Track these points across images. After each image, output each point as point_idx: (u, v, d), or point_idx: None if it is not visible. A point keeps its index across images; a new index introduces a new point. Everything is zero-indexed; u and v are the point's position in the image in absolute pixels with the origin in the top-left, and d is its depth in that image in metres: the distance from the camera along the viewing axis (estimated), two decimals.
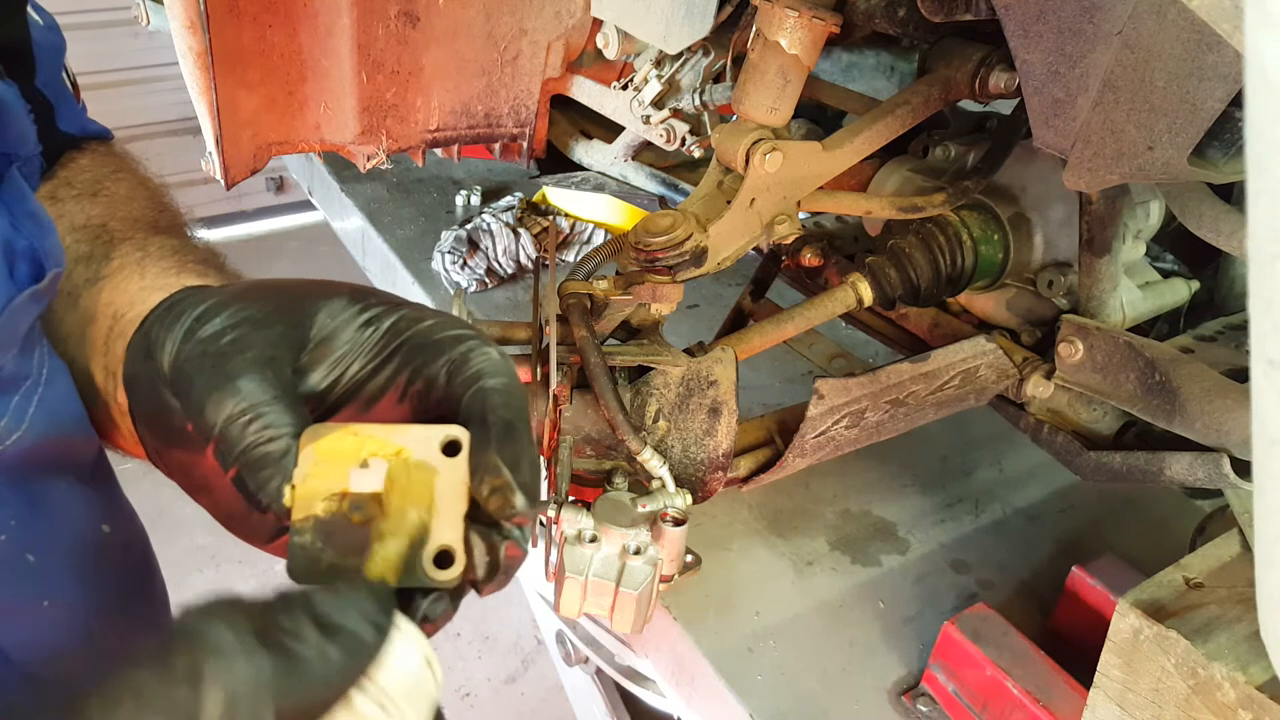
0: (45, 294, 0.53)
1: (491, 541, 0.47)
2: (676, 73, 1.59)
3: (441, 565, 0.46)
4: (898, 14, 1.03)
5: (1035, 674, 0.98)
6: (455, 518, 0.47)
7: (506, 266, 1.85)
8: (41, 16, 0.69)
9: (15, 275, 0.52)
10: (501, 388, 0.49)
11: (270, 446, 0.47)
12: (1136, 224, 1.07)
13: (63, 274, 0.55)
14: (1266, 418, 0.38)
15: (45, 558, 0.56)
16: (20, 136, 0.58)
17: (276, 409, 0.48)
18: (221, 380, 0.48)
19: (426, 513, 0.47)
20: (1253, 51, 0.31)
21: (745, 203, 1.01)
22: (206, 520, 0.51)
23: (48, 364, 0.56)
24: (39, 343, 0.56)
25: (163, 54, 3.08)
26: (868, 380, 0.99)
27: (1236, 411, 0.89)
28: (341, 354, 0.52)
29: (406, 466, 0.47)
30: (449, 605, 0.47)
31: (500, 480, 0.46)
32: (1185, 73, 0.74)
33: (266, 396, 0.48)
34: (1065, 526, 1.34)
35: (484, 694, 2.46)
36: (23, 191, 0.55)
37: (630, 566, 0.86)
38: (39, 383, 0.55)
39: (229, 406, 0.48)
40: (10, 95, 0.56)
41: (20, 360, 0.53)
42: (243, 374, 0.49)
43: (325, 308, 0.53)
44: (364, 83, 1.47)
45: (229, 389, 0.48)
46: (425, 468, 0.47)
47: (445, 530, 0.46)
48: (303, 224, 4.29)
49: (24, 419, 0.53)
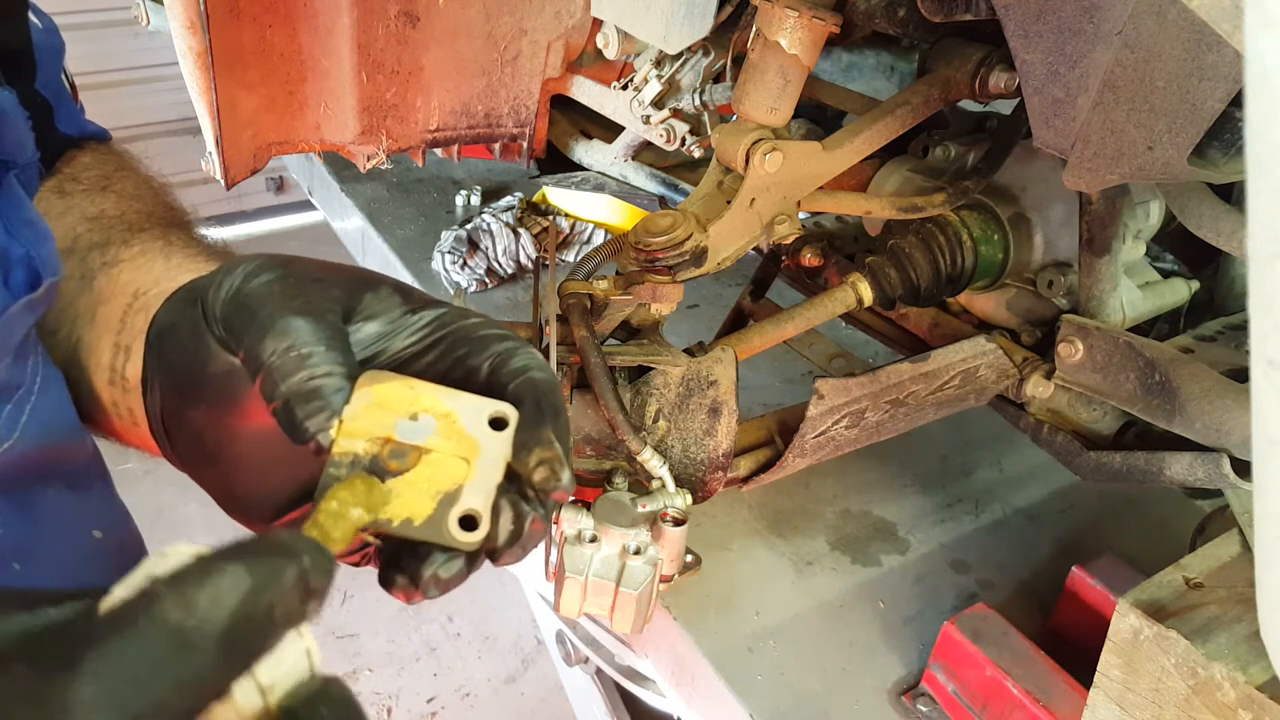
0: (41, 303, 0.53)
1: (519, 510, 0.48)
2: (676, 73, 1.59)
3: (466, 528, 0.46)
4: (898, 14, 1.03)
5: (1035, 674, 0.98)
6: (488, 487, 0.47)
7: (506, 266, 1.85)
8: (40, 19, 0.69)
9: (10, 283, 0.51)
10: (550, 380, 0.51)
11: (326, 380, 0.48)
12: (1136, 224, 1.07)
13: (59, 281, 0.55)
14: (1266, 418, 0.38)
15: (32, 566, 0.55)
16: (18, 143, 0.57)
17: (335, 351, 0.49)
18: (286, 313, 0.49)
19: (462, 475, 0.47)
20: (1253, 51, 0.31)
21: (745, 203, 1.01)
22: (206, 520, 0.51)
23: (41, 372, 0.56)
24: (33, 351, 0.55)
25: (163, 54, 3.07)
26: (868, 380, 0.99)
27: (1236, 411, 0.89)
28: (386, 331, 0.53)
29: (453, 429, 0.48)
30: (462, 568, 0.47)
31: (551, 453, 0.47)
32: (1185, 73, 0.74)
33: (326, 337, 0.49)
34: (1065, 526, 1.34)
35: (484, 694, 2.46)
36: (20, 199, 0.55)
37: (630, 566, 0.86)
38: (32, 391, 0.54)
39: (290, 338, 0.48)
40: (9, 102, 0.56)
41: (14, 369, 0.53)
42: (305, 315, 0.49)
43: (373, 290, 0.53)
44: (364, 83, 1.47)
45: (292, 323, 0.48)
46: (470, 435, 0.48)
47: (476, 496, 0.47)
48: (303, 224, 4.29)
49: (16, 428, 0.53)
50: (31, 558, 0.55)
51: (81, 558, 0.61)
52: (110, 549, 0.64)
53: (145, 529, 0.70)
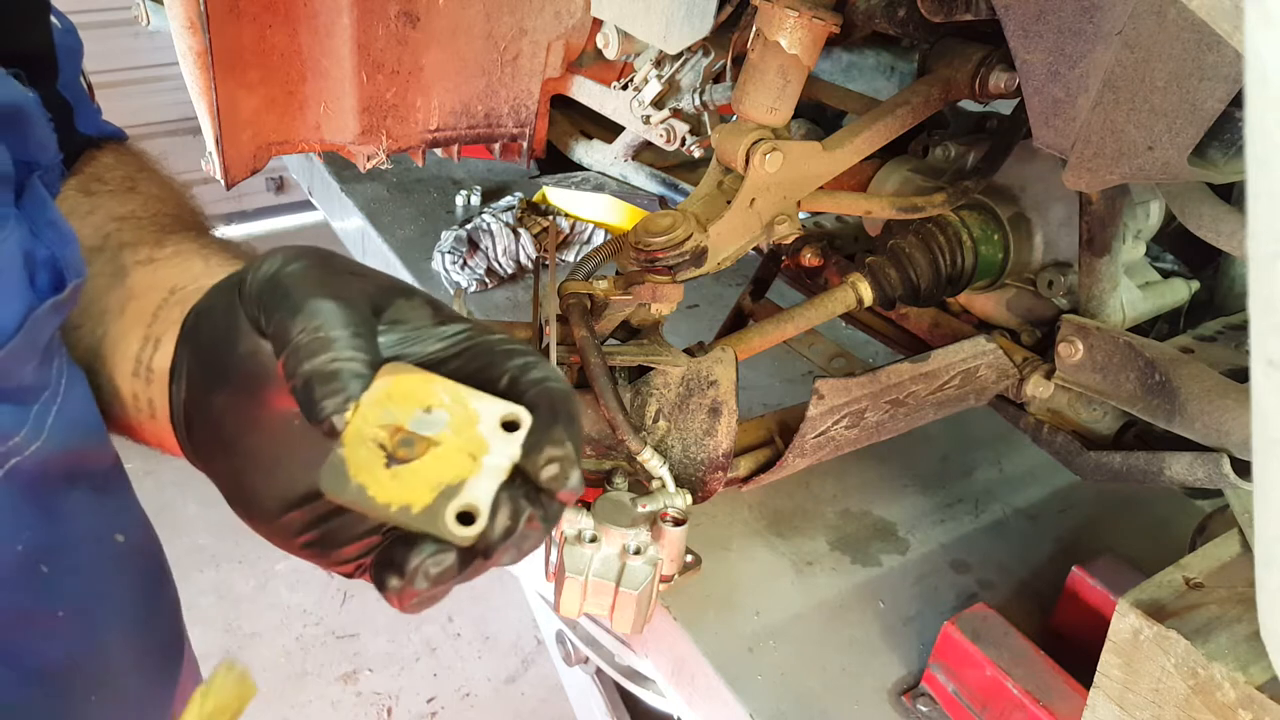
0: (66, 305, 0.53)
1: (517, 506, 0.48)
2: (676, 73, 1.59)
3: (463, 523, 0.46)
4: (898, 14, 1.03)
5: (1035, 674, 0.98)
6: (491, 485, 0.47)
7: (506, 266, 1.85)
8: (60, 20, 0.69)
9: (36, 285, 0.51)
10: (566, 390, 0.51)
11: (348, 364, 0.48)
12: (1136, 224, 1.07)
13: (84, 283, 0.55)
14: (1266, 418, 0.38)
15: (58, 568, 0.56)
16: (41, 145, 0.58)
17: (361, 339, 0.49)
18: (319, 296, 0.50)
19: (466, 471, 0.47)
20: (1253, 51, 0.31)
21: (745, 203, 1.01)
22: (207, 520, 0.51)
23: (66, 373, 0.56)
24: (58, 352, 0.56)
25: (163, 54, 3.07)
26: (868, 380, 0.99)
27: (1236, 411, 0.89)
28: (412, 336, 0.53)
29: (465, 426, 0.48)
30: (454, 563, 0.47)
31: (563, 453, 0.48)
32: (1185, 73, 0.74)
33: (355, 324, 0.50)
34: (1065, 526, 1.34)
35: (484, 694, 2.46)
36: (44, 200, 0.55)
37: (630, 566, 0.86)
38: (57, 393, 0.55)
39: (319, 319, 0.49)
40: (31, 104, 0.56)
41: (40, 370, 0.53)
42: (337, 300, 0.50)
43: (406, 297, 0.54)
44: (364, 83, 1.47)
45: (322, 305, 0.49)
46: (481, 433, 0.48)
47: (476, 491, 0.47)
48: (303, 224, 4.29)
49: (43, 429, 0.53)
50: (59, 560, 0.56)
51: (107, 561, 0.61)
52: (132, 552, 0.65)
53: None
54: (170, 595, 0.72)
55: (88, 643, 0.59)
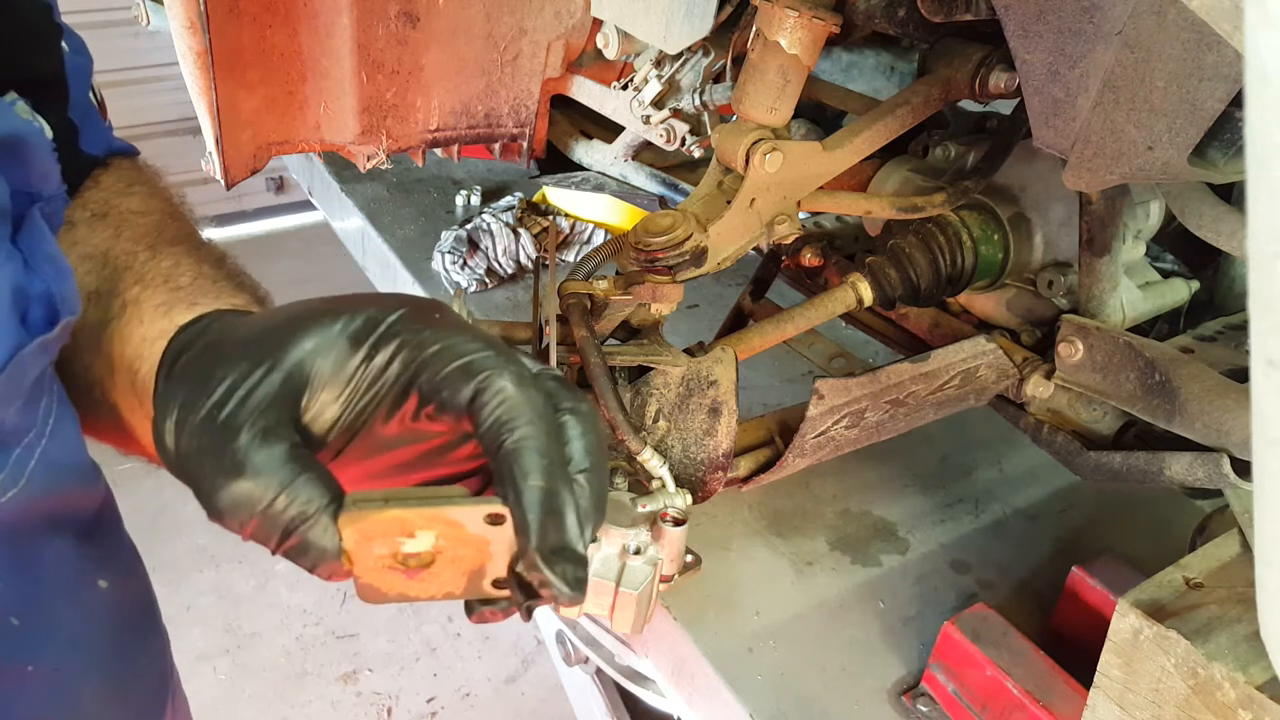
0: (55, 343, 0.51)
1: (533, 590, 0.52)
2: (676, 73, 1.59)
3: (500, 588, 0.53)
4: (898, 14, 1.03)
5: (1035, 674, 0.98)
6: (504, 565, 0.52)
7: (506, 266, 1.85)
8: (69, 40, 0.66)
9: (29, 320, 0.49)
10: (528, 443, 0.50)
11: (313, 533, 0.48)
12: (1136, 224, 1.07)
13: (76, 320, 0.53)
14: (1266, 418, 0.38)
15: (31, 620, 0.53)
16: (43, 175, 0.55)
17: (302, 483, 0.48)
18: (232, 468, 0.48)
19: (481, 559, 0.52)
20: (1253, 51, 0.31)
21: (745, 203, 1.01)
22: (207, 520, 0.51)
23: (54, 413, 0.53)
24: (46, 391, 0.53)
25: (163, 54, 3.07)
26: (868, 380, 0.99)
27: (1236, 411, 0.89)
28: (344, 394, 0.51)
29: (457, 535, 0.51)
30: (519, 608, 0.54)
31: (541, 577, 0.49)
32: (1185, 73, 0.74)
33: (285, 474, 0.48)
34: (1065, 526, 1.34)
35: (484, 694, 2.46)
36: (42, 233, 0.53)
37: (630, 566, 0.86)
38: (42, 435, 0.52)
39: (252, 491, 0.47)
40: (35, 134, 0.54)
41: (24, 412, 0.50)
42: (252, 453, 0.48)
43: (317, 345, 0.51)
44: (364, 83, 1.47)
45: (243, 475, 0.48)
46: (475, 534, 0.51)
47: (501, 571, 0.53)
48: (303, 224, 4.29)
49: (22, 475, 0.50)
50: (31, 613, 0.53)
51: (86, 610, 0.59)
52: (116, 599, 0.63)
53: (145, 529, 0.71)
54: (156, 638, 0.69)
55: (61, 698, 0.56)
